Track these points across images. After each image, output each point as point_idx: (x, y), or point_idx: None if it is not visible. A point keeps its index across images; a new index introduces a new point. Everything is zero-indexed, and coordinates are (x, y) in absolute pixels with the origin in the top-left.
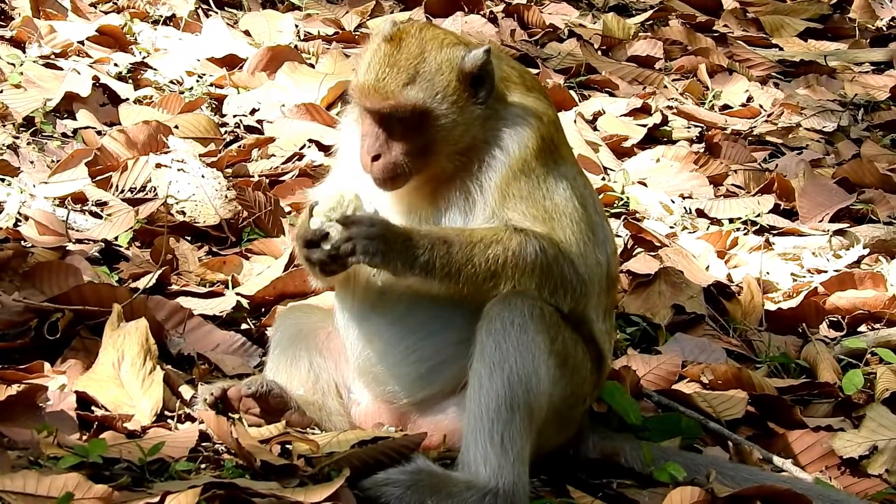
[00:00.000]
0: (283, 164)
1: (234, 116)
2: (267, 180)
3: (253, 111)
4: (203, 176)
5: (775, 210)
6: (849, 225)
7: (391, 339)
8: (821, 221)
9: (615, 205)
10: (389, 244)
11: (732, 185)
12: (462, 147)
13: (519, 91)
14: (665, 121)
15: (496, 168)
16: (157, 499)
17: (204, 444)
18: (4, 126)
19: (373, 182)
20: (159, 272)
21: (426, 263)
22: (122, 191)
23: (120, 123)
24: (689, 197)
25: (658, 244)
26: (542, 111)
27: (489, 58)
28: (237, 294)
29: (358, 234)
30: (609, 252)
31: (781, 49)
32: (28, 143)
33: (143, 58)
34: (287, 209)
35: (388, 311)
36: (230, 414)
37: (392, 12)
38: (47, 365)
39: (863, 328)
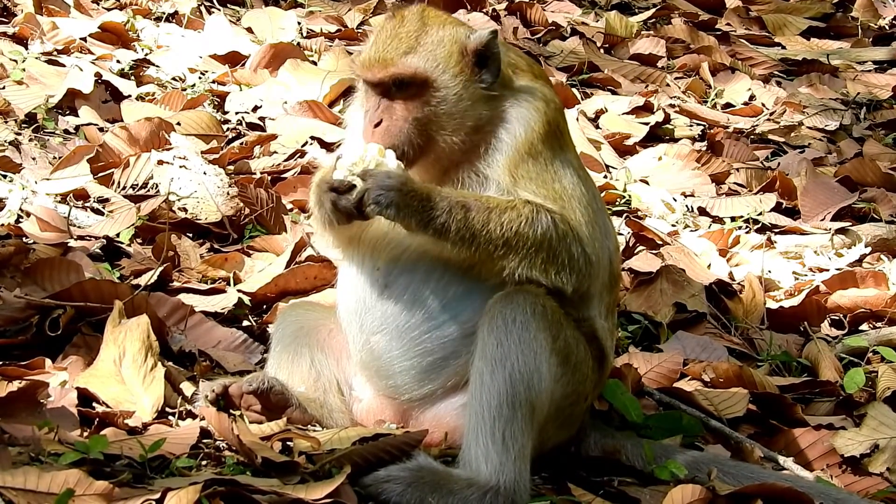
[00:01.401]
0: (285, 161)
1: (237, 113)
2: (269, 177)
3: (255, 108)
4: (205, 173)
5: (777, 208)
6: (850, 223)
7: (395, 331)
8: (822, 220)
9: (617, 203)
10: (406, 199)
11: (734, 183)
12: (468, 126)
13: (527, 77)
14: (667, 119)
15: (503, 150)
16: (157, 495)
17: (205, 440)
18: (7, 122)
19: None
20: (161, 269)
21: (442, 225)
22: (124, 187)
23: (122, 120)
24: (691, 195)
25: (660, 242)
26: (549, 96)
27: (495, 38)
28: (239, 291)
29: (374, 184)
30: (611, 247)
31: (784, 47)
32: (30, 140)
33: (146, 55)
34: (289, 206)
35: (393, 303)
36: (231, 411)
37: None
38: (48, 361)
39: (864, 327)
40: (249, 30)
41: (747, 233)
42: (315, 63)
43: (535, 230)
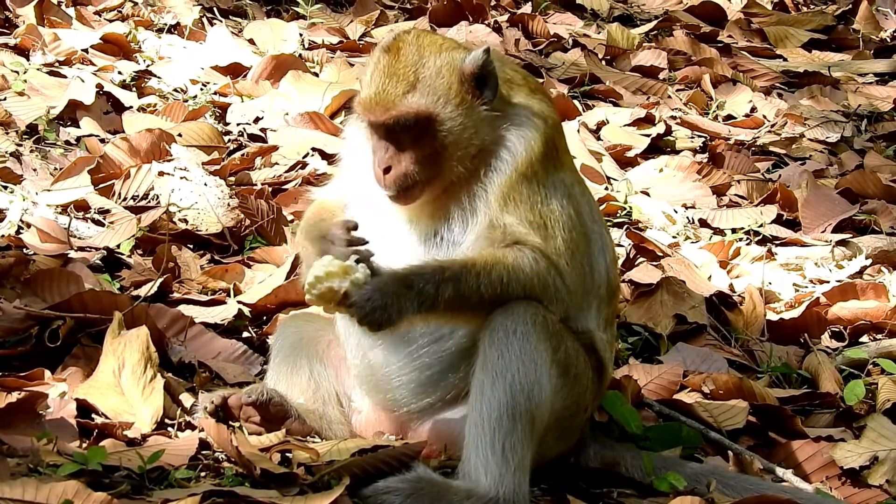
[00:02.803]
0: (286, 172)
1: (238, 125)
2: (270, 189)
3: (256, 119)
4: (205, 184)
5: (778, 220)
6: (851, 235)
7: (393, 345)
8: (823, 232)
9: (618, 214)
10: (395, 297)
11: (735, 195)
12: (473, 150)
13: (523, 92)
14: (668, 131)
15: (503, 170)
16: None
17: (204, 451)
18: (8, 133)
19: (387, 198)
20: (161, 280)
21: (448, 300)
22: (125, 199)
23: (123, 131)
24: (692, 207)
25: (660, 254)
26: (546, 113)
27: (489, 57)
28: (239, 302)
29: (359, 313)
30: (608, 260)
31: (785, 60)
32: (31, 151)
33: (147, 66)
34: (290, 218)
35: None
36: (230, 422)
37: (396, 21)
38: (48, 372)
39: (864, 339)
40: (251, 41)
41: (748, 244)
42: (317, 74)
43: (525, 272)
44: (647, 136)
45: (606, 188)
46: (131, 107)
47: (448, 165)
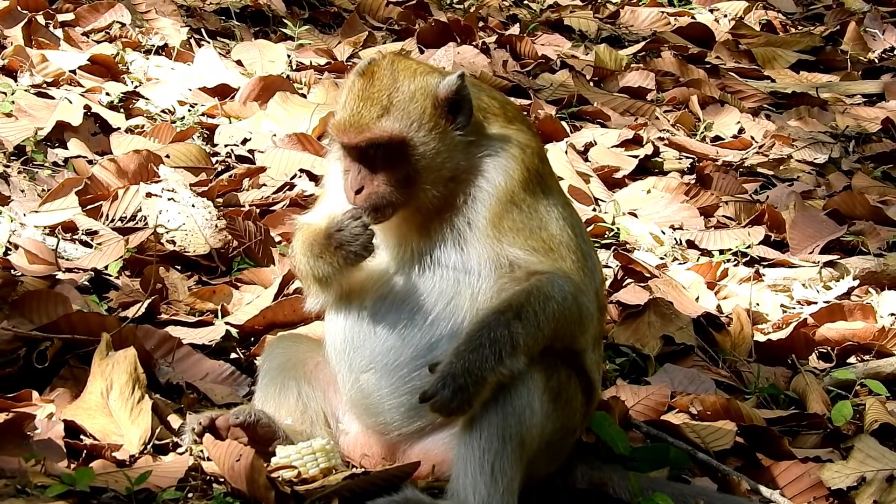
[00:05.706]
0: (274, 193)
1: (226, 146)
2: (257, 210)
3: (244, 141)
4: (193, 205)
5: (766, 241)
6: (839, 256)
7: (384, 369)
8: (811, 253)
9: (606, 235)
10: (466, 371)
11: (723, 216)
12: (447, 175)
13: (499, 122)
14: (656, 152)
15: (483, 200)
16: None
17: (192, 473)
18: None
19: None
20: (149, 301)
21: (523, 336)
22: (113, 220)
23: (111, 153)
24: (680, 228)
25: (648, 275)
26: (524, 142)
27: (463, 82)
28: (226, 323)
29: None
30: (598, 281)
31: (773, 81)
32: (19, 172)
33: (135, 87)
34: (277, 239)
35: (381, 342)
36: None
37: (384, 42)
38: (35, 393)
39: (852, 359)
40: (239, 62)
41: (735, 266)
42: (304, 96)
43: (566, 299)
44: (635, 157)
45: (594, 209)
46: (119, 128)
47: (421, 189)
